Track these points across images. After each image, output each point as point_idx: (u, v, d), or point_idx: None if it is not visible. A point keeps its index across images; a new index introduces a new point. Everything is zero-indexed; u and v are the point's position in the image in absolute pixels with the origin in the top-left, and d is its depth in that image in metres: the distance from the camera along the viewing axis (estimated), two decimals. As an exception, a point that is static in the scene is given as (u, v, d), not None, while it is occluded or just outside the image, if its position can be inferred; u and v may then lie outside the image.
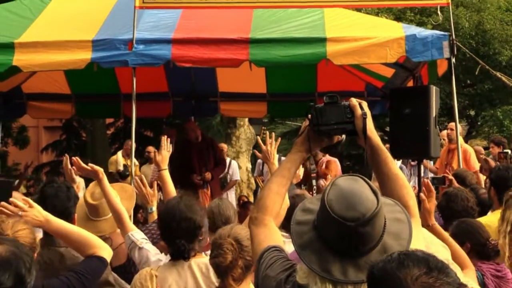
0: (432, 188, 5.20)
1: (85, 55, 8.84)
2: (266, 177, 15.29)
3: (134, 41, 8.82)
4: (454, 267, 3.96)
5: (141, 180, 6.22)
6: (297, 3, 8.96)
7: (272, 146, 5.35)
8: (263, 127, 26.02)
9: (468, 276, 4.26)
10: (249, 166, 18.50)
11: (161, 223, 4.77)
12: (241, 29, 9.24)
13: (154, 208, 6.03)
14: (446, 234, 4.81)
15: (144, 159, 15.73)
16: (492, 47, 23.63)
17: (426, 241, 3.98)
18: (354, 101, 3.28)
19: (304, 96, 13.53)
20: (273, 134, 5.54)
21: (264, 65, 9.61)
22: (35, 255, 4.02)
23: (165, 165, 6.05)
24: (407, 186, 3.24)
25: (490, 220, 6.31)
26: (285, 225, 4.15)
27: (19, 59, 8.80)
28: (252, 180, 17.66)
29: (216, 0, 8.85)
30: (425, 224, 4.56)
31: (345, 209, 2.68)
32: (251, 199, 15.53)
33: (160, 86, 13.10)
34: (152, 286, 4.39)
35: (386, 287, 2.29)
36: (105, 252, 4.23)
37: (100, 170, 5.58)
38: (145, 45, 8.90)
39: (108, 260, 4.26)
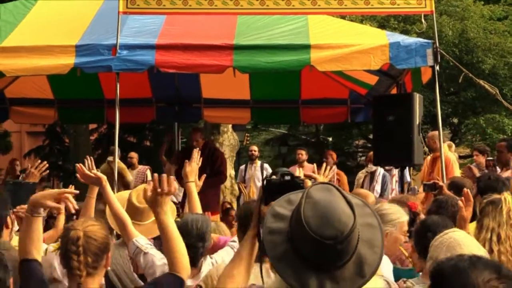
0: (471, 197, 5.19)
1: (69, 60, 8.78)
2: (249, 184, 15.32)
3: (117, 47, 8.76)
4: None
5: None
6: (281, 10, 8.95)
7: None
8: (246, 134, 26.05)
9: None
10: (233, 172, 18.46)
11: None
12: (225, 35, 9.23)
13: None
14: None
15: (127, 164, 15.67)
16: (476, 55, 23.74)
17: (471, 242, 4.05)
18: (308, 183, 3.19)
19: (288, 103, 13.56)
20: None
21: (248, 72, 9.62)
22: (109, 254, 4.03)
23: (192, 177, 6.10)
24: None
25: (475, 227, 6.32)
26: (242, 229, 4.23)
27: (2, 63, 8.73)
28: (236, 187, 17.64)
29: (200, 6, 8.82)
30: None
31: (323, 226, 2.65)
32: (234, 205, 15.49)
33: (144, 91, 13.07)
34: None
35: (456, 283, 2.38)
36: (185, 273, 4.11)
37: (103, 177, 5.56)
38: (128, 51, 8.86)
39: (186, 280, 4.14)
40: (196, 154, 6.25)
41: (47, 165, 6.68)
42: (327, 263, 2.69)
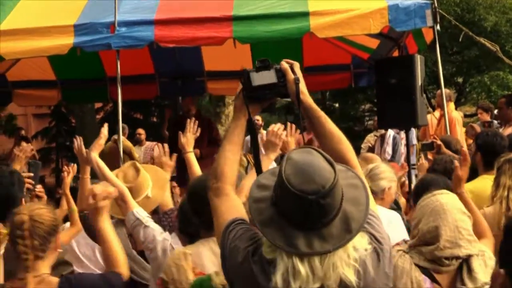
0: (468, 157, 5.21)
1: (68, 40, 8.79)
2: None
3: (116, 24, 8.77)
4: (474, 239, 4.06)
5: (162, 150, 6.26)
6: (278, -21, 8.93)
7: (291, 136, 5.40)
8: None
9: (485, 245, 4.31)
10: (239, 143, 18.47)
11: (190, 196, 4.67)
12: (223, 7, 9.19)
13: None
14: (471, 203, 4.84)
15: (134, 141, 15.71)
16: (477, 13, 23.61)
17: (456, 208, 4.06)
18: (285, 64, 3.30)
19: (291, 71, 13.50)
20: (293, 125, 5.55)
21: (248, 42, 9.59)
22: (58, 236, 4.01)
23: (190, 147, 6.02)
24: (344, 141, 3.25)
25: (475, 186, 6.32)
26: None
27: (1, 47, 8.73)
28: (243, 158, 17.65)
29: (197, -22, 8.80)
30: (454, 191, 4.58)
31: (304, 182, 2.68)
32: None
33: (146, 68, 13.06)
34: (188, 264, 4.28)
35: None
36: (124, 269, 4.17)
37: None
38: (127, 28, 8.85)
39: (125, 277, 4.17)
40: (192, 124, 6.18)
41: (32, 147, 6.68)
42: (313, 221, 2.71)
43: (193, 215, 4.57)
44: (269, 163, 5.22)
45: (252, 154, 13.69)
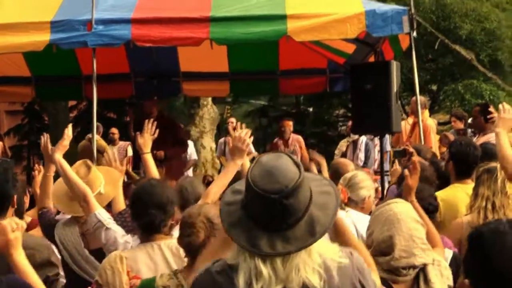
0: (418, 166, 5.24)
1: (44, 37, 8.77)
2: (229, 157, 15.31)
3: (93, 22, 8.75)
4: (428, 247, 4.10)
5: (113, 155, 6.27)
6: (257, -20, 8.94)
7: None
8: (227, 107, 25.96)
9: (438, 254, 4.35)
10: (213, 145, 18.49)
11: (132, 199, 4.72)
12: (201, 7, 9.20)
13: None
14: (422, 212, 4.86)
15: (107, 140, 15.64)
16: (453, 21, 23.73)
17: (410, 217, 4.10)
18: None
19: (266, 75, 13.52)
20: (244, 125, 5.54)
21: (224, 43, 9.59)
22: None
23: (147, 148, 6.05)
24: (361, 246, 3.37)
25: (446, 194, 6.38)
26: None
27: (-24, 42, 8.70)
28: (216, 160, 17.66)
29: (175, -22, 8.78)
30: (406, 200, 4.61)
31: (268, 182, 2.74)
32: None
33: (122, 67, 13.00)
34: (123, 268, 4.33)
35: (499, 245, 2.46)
36: None
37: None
38: (104, 26, 8.84)
39: None
40: (149, 125, 6.21)
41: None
42: (277, 222, 2.75)
43: (134, 219, 4.66)
44: (235, 169, 5.25)
45: (225, 157, 13.66)
